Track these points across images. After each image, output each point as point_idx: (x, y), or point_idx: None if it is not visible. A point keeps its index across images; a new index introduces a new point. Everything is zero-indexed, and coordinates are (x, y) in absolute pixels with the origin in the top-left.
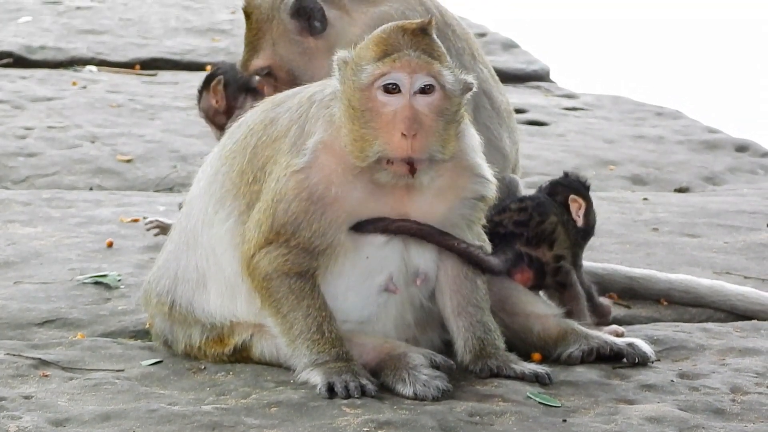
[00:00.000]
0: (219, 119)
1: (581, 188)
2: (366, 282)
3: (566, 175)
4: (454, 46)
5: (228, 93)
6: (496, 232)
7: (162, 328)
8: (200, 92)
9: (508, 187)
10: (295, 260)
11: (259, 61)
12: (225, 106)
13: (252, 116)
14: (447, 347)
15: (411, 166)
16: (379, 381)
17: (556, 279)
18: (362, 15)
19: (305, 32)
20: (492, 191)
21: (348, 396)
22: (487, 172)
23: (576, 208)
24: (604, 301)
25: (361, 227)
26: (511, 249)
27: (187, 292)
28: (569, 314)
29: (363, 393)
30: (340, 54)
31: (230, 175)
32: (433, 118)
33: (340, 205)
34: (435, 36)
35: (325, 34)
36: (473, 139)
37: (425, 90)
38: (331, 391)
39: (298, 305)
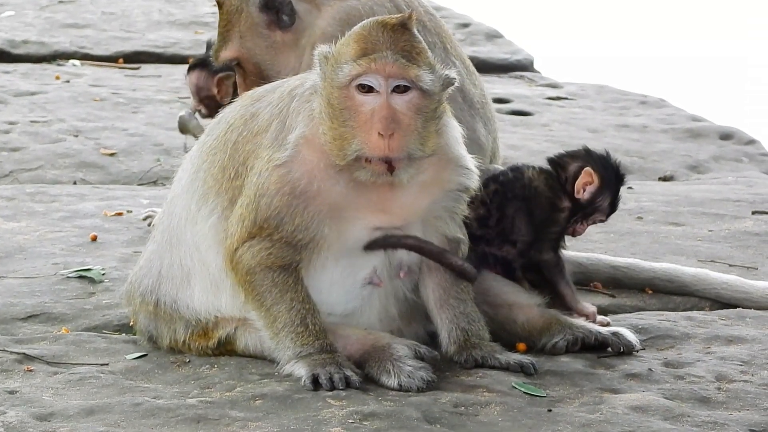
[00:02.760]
0: (209, 104)
1: (611, 171)
2: (350, 275)
3: (607, 153)
4: (425, 39)
5: (231, 90)
6: (469, 231)
7: (146, 325)
8: (199, 68)
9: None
10: (278, 254)
11: (227, 53)
12: (223, 100)
13: (231, 112)
14: (432, 338)
15: (389, 164)
16: (363, 372)
17: (526, 275)
18: (330, 8)
19: (273, 26)
20: (475, 182)
21: (333, 388)
22: (470, 162)
23: (586, 182)
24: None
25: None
26: (473, 255)
27: (171, 290)
28: (553, 304)
29: (347, 385)
30: (321, 49)
31: (212, 172)
32: (410, 117)
33: (322, 199)
34: (416, 31)
35: (293, 28)
36: (455, 130)
37: (402, 89)
38: (315, 383)
39: (282, 298)
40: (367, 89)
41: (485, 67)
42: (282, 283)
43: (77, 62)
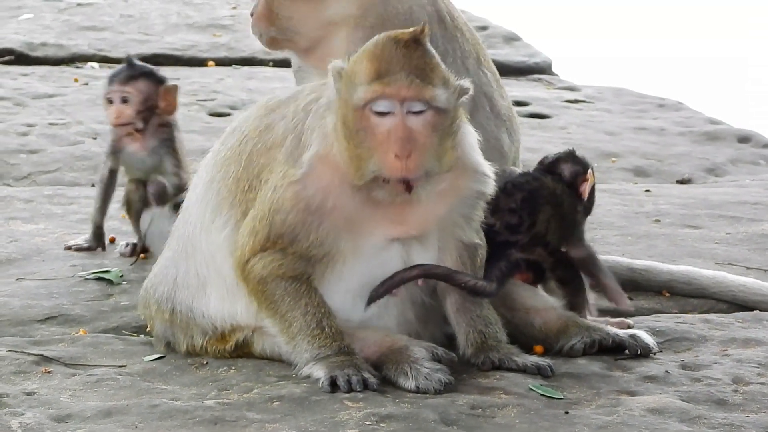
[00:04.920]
0: (147, 117)
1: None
2: (366, 286)
3: (572, 151)
4: (461, 48)
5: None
6: (491, 238)
7: (162, 331)
8: (146, 77)
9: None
10: (290, 266)
11: None
12: (165, 112)
13: (246, 122)
14: (449, 340)
15: (407, 184)
16: (380, 375)
17: (555, 273)
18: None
19: None
20: (491, 187)
21: (350, 390)
22: (487, 168)
23: (589, 184)
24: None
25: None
26: (505, 261)
27: (186, 298)
28: (571, 306)
29: (365, 387)
30: (336, 64)
31: (226, 182)
32: (427, 136)
33: (337, 216)
34: (428, 45)
35: None
36: (470, 136)
37: (417, 110)
38: (333, 385)
39: (296, 304)
40: (383, 112)
41: (503, 70)
42: (295, 291)
43: (95, 65)
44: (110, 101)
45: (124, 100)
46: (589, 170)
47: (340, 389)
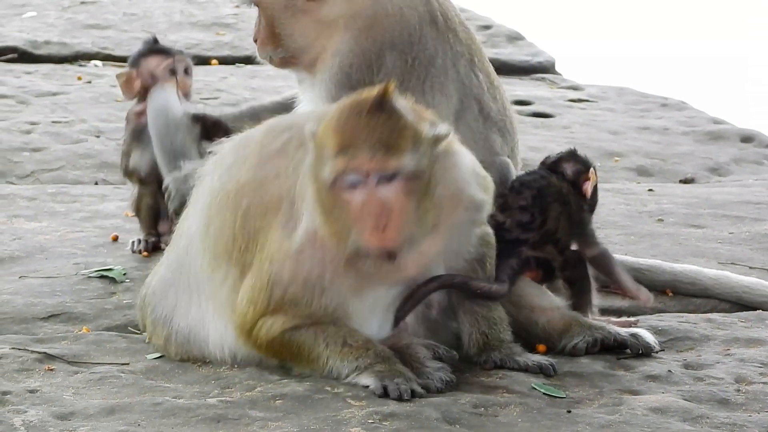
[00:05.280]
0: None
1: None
2: (378, 323)
3: (574, 150)
4: (452, 49)
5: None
6: (501, 235)
7: (161, 347)
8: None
9: (499, 171)
10: (296, 321)
11: None
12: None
13: (242, 166)
14: (457, 339)
15: (389, 254)
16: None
17: (564, 272)
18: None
19: None
20: (487, 207)
21: (400, 398)
22: (481, 196)
23: (592, 183)
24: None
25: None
26: (516, 259)
27: (184, 329)
28: (576, 305)
29: (413, 395)
30: (309, 127)
31: (222, 237)
32: (402, 202)
33: (338, 284)
34: (395, 105)
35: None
36: (463, 163)
37: (388, 179)
38: (384, 393)
39: (315, 343)
40: (353, 185)
41: (507, 69)
42: (310, 335)
43: (99, 63)
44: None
45: (186, 71)
46: (591, 169)
47: (389, 396)
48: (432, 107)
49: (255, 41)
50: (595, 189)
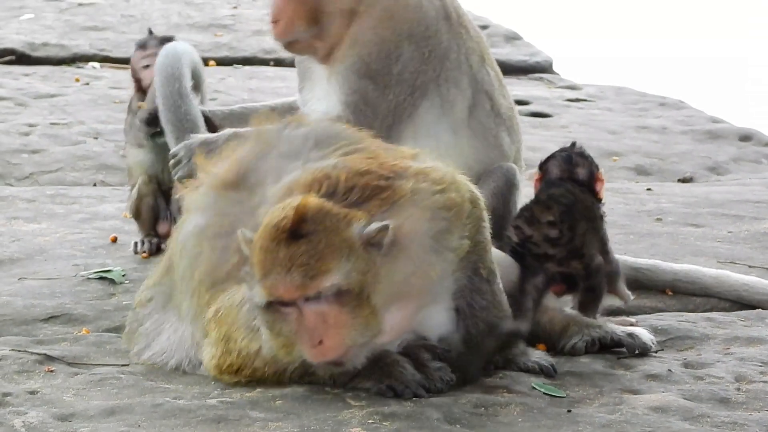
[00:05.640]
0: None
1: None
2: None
3: (573, 145)
4: (465, 45)
5: None
6: (528, 248)
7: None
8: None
9: (505, 176)
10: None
11: None
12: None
13: (214, 206)
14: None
15: (336, 362)
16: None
17: (586, 283)
18: None
19: None
20: (458, 228)
21: (414, 395)
22: (452, 238)
23: (601, 185)
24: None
25: None
26: (542, 277)
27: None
28: (583, 307)
29: (414, 396)
30: (245, 234)
31: (198, 290)
32: (335, 316)
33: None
34: (311, 227)
35: None
36: (417, 214)
37: (315, 298)
38: (393, 393)
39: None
40: (283, 307)
41: (504, 69)
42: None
43: (97, 65)
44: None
45: None
46: (599, 173)
47: (396, 393)
48: (447, 101)
49: (274, 22)
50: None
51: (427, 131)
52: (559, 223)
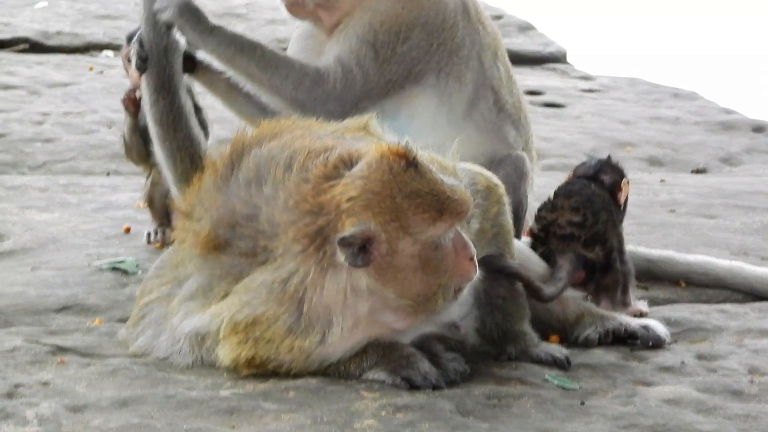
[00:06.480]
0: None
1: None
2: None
3: (609, 158)
4: (481, 41)
5: None
6: (552, 232)
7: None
8: None
9: (514, 164)
10: None
11: None
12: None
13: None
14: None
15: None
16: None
17: (604, 277)
18: None
19: None
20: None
21: (431, 386)
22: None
23: (626, 192)
24: (639, 303)
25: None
26: (572, 253)
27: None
28: (596, 298)
29: (432, 386)
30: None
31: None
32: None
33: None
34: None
35: None
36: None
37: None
38: (410, 384)
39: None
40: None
41: (518, 59)
42: None
43: (110, 53)
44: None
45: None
46: (625, 179)
47: (418, 387)
48: (445, 93)
49: None
50: (625, 200)
51: (423, 119)
52: (582, 209)
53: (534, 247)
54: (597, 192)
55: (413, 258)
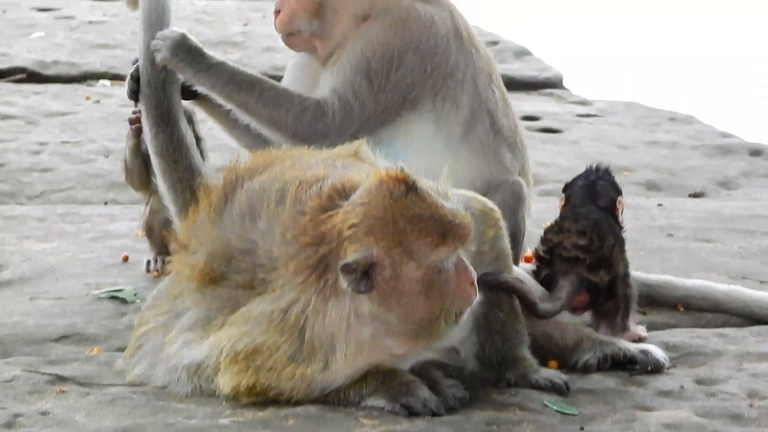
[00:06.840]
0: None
1: (618, 186)
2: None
3: (598, 168)
4: (474, 64)
5: None
6: (557, 254)
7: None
8: None
9: (512, 189)
10: None
11: None
12: None
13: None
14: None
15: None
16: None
17: (607, 302)
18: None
19: None
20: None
21: (431, 413)
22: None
23: (621, 209)
24: (638, 328)
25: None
26: (575, 276)
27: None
28: (597, 323)
29: (431, 413)
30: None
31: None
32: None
33: None
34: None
35: None
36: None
37: None
38: (409, 411)
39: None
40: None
41: (514, 84)
42: None
43: (107, 82)
44: None
45: None
46: (620, 198)
47: (418, 414)
48: (442, 118)
49: (276, 12)
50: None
51: (420, 144)
52: (589, 232)
53: (539, 269)
54: (604, 218)
55: (416, 282)
